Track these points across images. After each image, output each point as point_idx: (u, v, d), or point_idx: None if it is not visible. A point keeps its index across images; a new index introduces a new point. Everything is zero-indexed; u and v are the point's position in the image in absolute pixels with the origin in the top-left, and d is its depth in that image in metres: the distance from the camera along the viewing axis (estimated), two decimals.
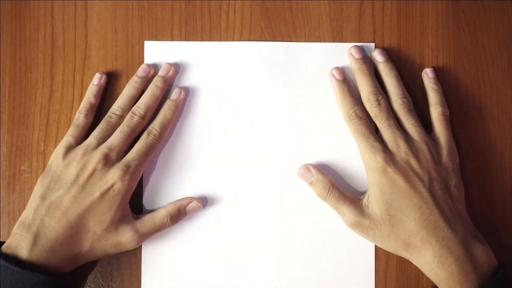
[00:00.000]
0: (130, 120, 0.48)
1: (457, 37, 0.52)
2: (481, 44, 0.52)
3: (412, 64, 0.52)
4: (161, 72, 0.50)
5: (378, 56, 0.50)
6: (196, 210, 0.49)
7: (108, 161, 0.46)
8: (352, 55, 0.50)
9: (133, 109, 0.49)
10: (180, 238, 0.50)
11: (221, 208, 0.50)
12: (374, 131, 0.48)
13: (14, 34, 0.52)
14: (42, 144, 0.51)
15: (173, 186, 0.50)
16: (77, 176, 0.45)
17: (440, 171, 0.46)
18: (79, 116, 0.49)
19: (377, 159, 0.46)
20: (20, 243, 0.44)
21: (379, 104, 0.48)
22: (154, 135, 0.48)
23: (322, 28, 0.52)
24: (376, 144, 0.46)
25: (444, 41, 0.52)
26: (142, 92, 0.50)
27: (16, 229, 0.45)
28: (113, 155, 0.46)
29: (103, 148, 0.46)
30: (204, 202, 0.50)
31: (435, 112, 0.49)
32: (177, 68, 0.51)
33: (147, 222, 0.47)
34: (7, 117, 0.52)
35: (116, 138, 0.47)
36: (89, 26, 0.52)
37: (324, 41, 0.52)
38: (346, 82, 0.49)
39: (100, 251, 0.46)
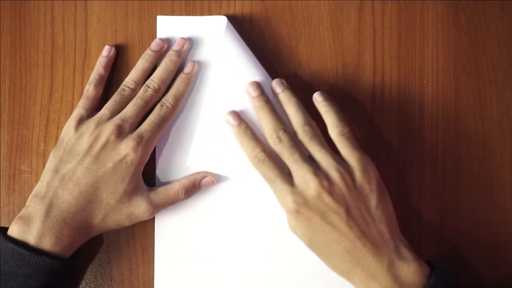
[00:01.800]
0: (144, 93, 0.48)
1: (457, 37, 0.52)
2: (481, 44, 0.52)
3: (412, 64, 0.52)
4: (175, 47, 0.50)
5: (276, 87, 0.47)
6: (210, 185, 0.49)
7: (121, 132, 0.46)
8: (249, 93, 0.47)
9: (147, 82, 0.49)
10: (191, 235, 0.50)
11: (231, 188, 0.50)
12: (282, 168, 0.45)
13: (14, 34, 0.52)
14: (42, 144, 0.51)
15: (186, 160, 0.50)
16: (90, 147, 0.45)
17: (357, 197, 0.43)
18: (89, 88, 0.49)
19: (288, 202, 0.43)
20: (32, 215, 0.44)
21: (280, 141, 0.45)
22: (167, 107, 0.48)
23: (322, 28, 0.52)
24: (284, 186, 0.44)
25: (444, 41, 0.52)
26: (155, 65, 0.50)
27: (29, 201, 0.45)
28: (126, 126, 0.46)
29: (116, 119, 0.46)
30: (217, 177, 0.50)
31: (333, 134, 0.46)
32: (190, 43, 0.51)
33: (161, 194, 0.48)
34: (7, 117, 0.52)
35: (129, 110, 0.47)
36: (89, 26, 0.52)
37: (325, 42, 0.52)
38: (242, 124, 0.47)
39: (114, 222, 0.46)
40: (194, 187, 0.49)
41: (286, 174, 0.45)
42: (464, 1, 0.52)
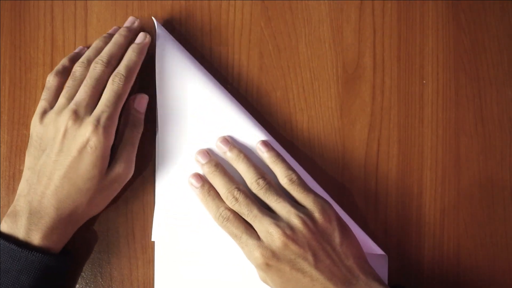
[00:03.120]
0: (93, 70, 0.46)
1: (457, 37, 0.52)
2: (481, 44, 0.52)
3: (412, 64, 0.52)
4: (126, 23, 0.50)
5: (222, 147, 0.48)
6: (143, 101, 0.49)
7: (77, 117, 0.45)
8: (198, 161, 0.49)
9: (95, 59, 0.47)
10: (191, 235, 0.50)
11: None
12: (246, 224, 0.46)
13: (14, 34, 0.52)
14: None
15: (185, 140, 0.50)
16: (53, 139, 0.45)
17: (321, 238, 0.44)
18: (49, 78, 0.48)
19: (256, 257, 0.44)
20: (19, 212, 0.44)
21: (236, 200, 0.46)
22: (120, 79, 0.46)
23: (322, 28, 0.52)
24: (250, 241, 0.44)
25: (444, 41, 0.52)
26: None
27: (15, 201, 0.45)
28: (81, 110, 0.45)
29: (71, 105, 0.45)
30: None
31: (283, 182, 0.46)
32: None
33: (121, 146, 0.47)
34: (7, 117, 0.52)
35: (81, 92, 0.45)
36: (89, 26, 0.52)
37: (325, 42, 0.52)
38: (205, 185, 0.48)
39: (101, 199, 0.47)
40: (135, 116, 0.48)
41: (251, 230, 0.45)
42: (464, 1, 0.52)
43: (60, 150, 0.45)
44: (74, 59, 0.49)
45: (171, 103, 0.50)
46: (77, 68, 0.47)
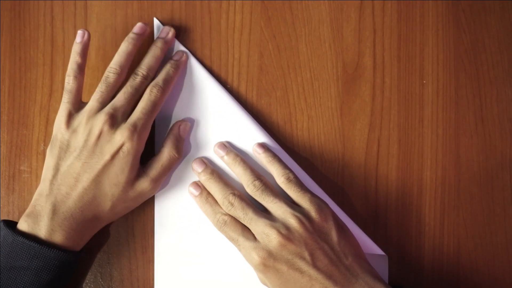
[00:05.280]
0: (133, 80, 0.48)
1: (457, 37, 0.52)
2: (481, 44, 0.52)
3: (412, 64, 0.52)
4: (161, 34, 0.50)
5: (219, 152, 0.49)
6: (187, 129, 0.50)
7: (114, 122, 0.46)
8: (195, 170, 0.49)
9: (135, 70, 0.48)
10: (191, 236, 0.50)
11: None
12: (243, 227, 0.46)
13: (14, 34, 0.52)
14: (42, 144, 0.51)
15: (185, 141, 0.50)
16: (85, 141, 0.45)
17: (318, 237, 0.44)
18: (69, 80, 0.47)
19: (253, 258, 0.44)
20: (40, 213, 0.44)
21: (232, 205, 0.46)
22: (158, 90, 0.47)
23: (322, 28, 0.52)
24: (247, 243, 0.44)
25: (444, 41, 0.52)
26: (138, 49, 0.50)
27: (35, 200, 0.45)
28: (119, 115, 0.46)
29: (108, 109, 0.46)
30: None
31: (280, 182, 0.47)
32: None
33: (156, 166, 0.48)
34: (6, 117, 0.52)
35: (120, 98, 0.47)
36: (89, 26, 0.52)
37: (325, 42, 0.52)
38: (203, 193, 0.48)
39: (122, 208, 0.47)
40: (178, 141, 0.49)
41: (248, 232, 0.45)
42: (464, 1, 0.52)
43: (93, 153, 0.45)
44: (83, 53, 0.48)
45: (169, 105, 0.50)
46: (110, 74, 0.48)
